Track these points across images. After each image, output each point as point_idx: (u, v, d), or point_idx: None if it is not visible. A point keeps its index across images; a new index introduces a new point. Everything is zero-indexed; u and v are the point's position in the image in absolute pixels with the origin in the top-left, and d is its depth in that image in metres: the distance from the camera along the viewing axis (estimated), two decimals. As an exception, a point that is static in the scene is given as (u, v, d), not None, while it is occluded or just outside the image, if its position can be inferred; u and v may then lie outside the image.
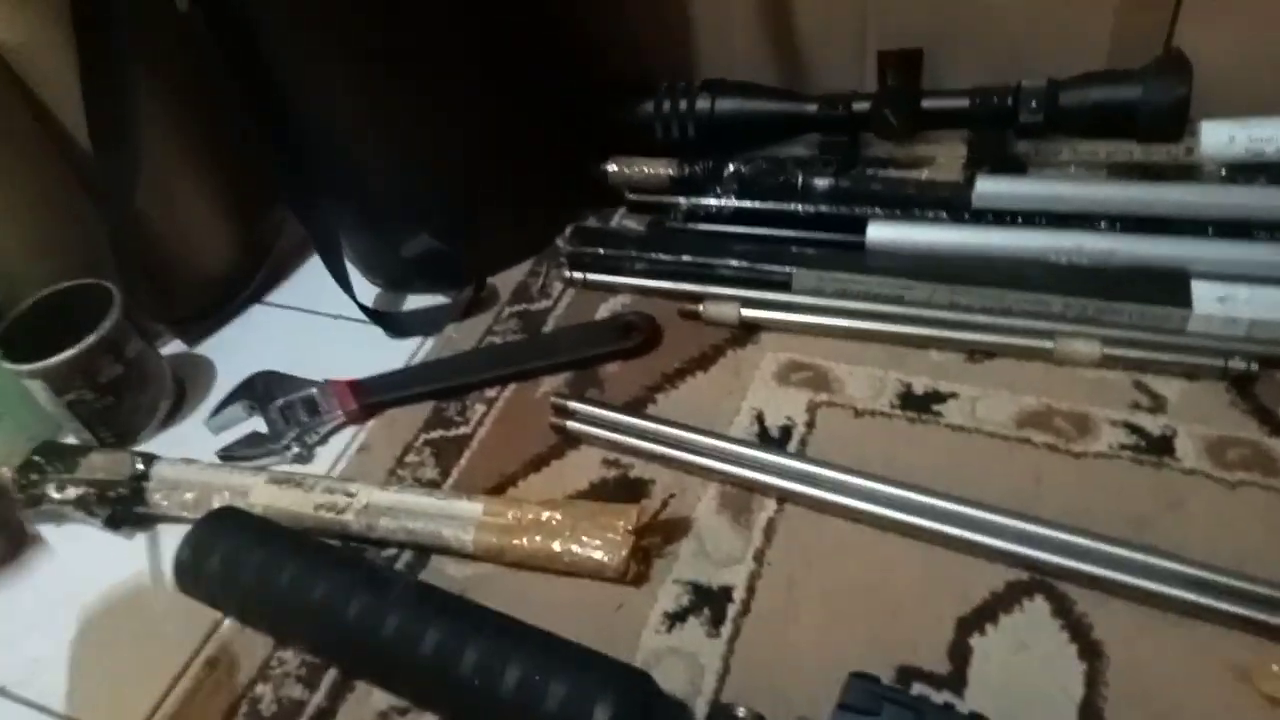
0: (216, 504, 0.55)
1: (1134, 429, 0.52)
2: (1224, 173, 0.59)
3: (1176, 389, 0.54)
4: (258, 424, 0.63)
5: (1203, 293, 0.54)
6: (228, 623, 0.51)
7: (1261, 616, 0.42)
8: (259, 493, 0.56)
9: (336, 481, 0.56)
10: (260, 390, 0.64)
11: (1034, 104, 0.59)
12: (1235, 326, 0.54)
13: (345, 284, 0.68)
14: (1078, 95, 0.59)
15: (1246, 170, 0.58)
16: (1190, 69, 0.56)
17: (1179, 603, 0.43)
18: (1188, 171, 0.60)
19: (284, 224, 0.80)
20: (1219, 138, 0.58)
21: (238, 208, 0.75)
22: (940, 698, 0.42)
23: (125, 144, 0.62)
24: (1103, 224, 0.59)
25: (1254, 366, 0.52)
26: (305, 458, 0.61)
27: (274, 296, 0.77)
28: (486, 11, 0.63)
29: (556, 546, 0.50)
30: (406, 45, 0.61)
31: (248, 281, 0.76)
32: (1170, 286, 0.55)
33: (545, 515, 0.51)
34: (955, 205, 0.62)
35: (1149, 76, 0.57)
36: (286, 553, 0.49)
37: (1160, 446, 0.51)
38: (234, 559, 0.49)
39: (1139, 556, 0.45)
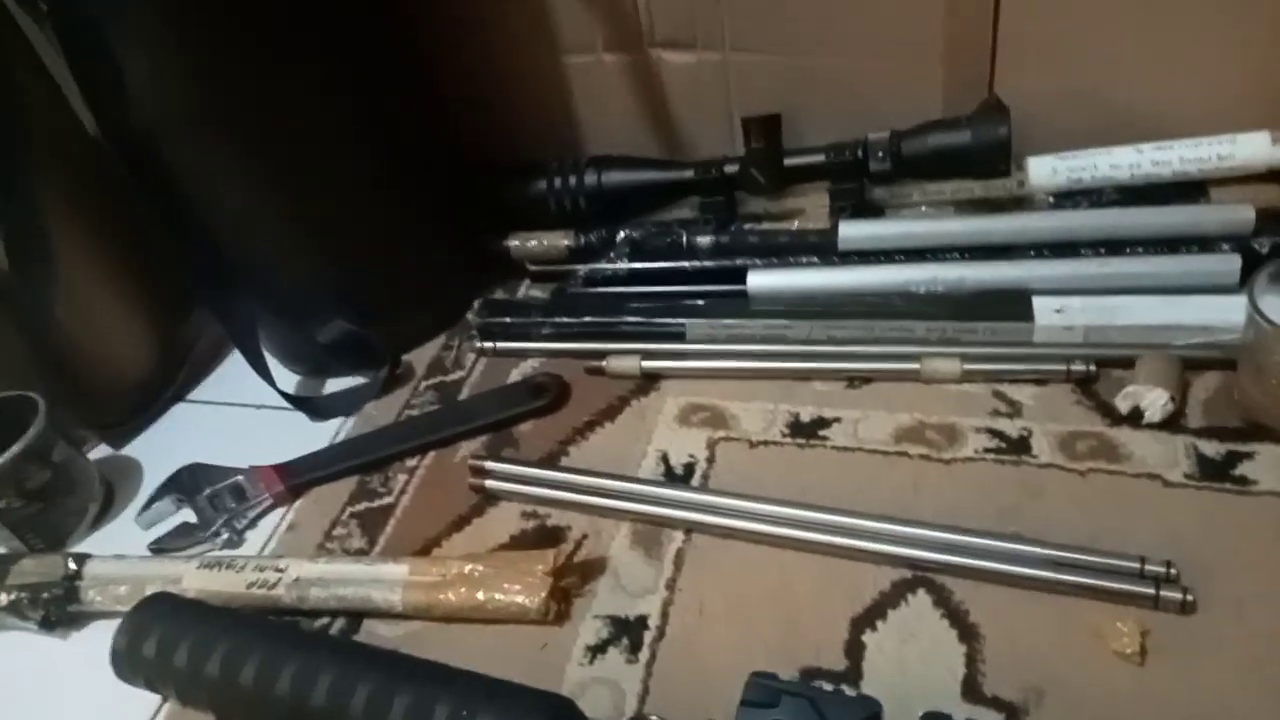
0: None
1: (995, 433, 0.58)
2: (1052, 200, 0.66)
3: (1029, 394, 0.60)
4: (187, 515, 0.65)
5: (1042, 306, 0.61)
6: (168, 705, 0.53)
7: (1109, 585, 0.47)
8: (191, 578, 0.58)
9: (266, 559, 0.58)
10: (187, 482, 0.66)
11: (881, 154, 0.66)
12: (1073, 334, 0.60)
13: (265, 374, 0.71)
14: (917, 143, 0.66)
15: (1070, 196, 0.66)
16: (1008, 111, 0.63)
17: (1041, 581, 0.48)
18: (1021, 202, 0.67)
19: (203, 325, 0.83)
20: (1044, 170, 0.66)
21: (156, 313, 0.78)
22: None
23: (41, 259, 0.65)
24: (954, 255, 0.65)
25: (1092, 368, 0.59)
26: (236, 542, 0.63)
27: (197, 393, 0.79)
28: (381, 106, 0.68)
29: (480, 596, 0.53)
30: (306, 143, 0.66)
31: (170, 382, 0.79)
32: (1015, 304, 0.62)
33: (468, 568, 0.54)
34: (824, 249, 0.68)
35: (975, 121, 0.64)
36: (219, 630, 0.50)
37: (1019, 446, 0.57)
38: (169, 641, 0.50)
39: (1005, 545, 0.50)
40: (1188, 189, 0.65)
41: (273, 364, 0.75)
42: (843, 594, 0.51)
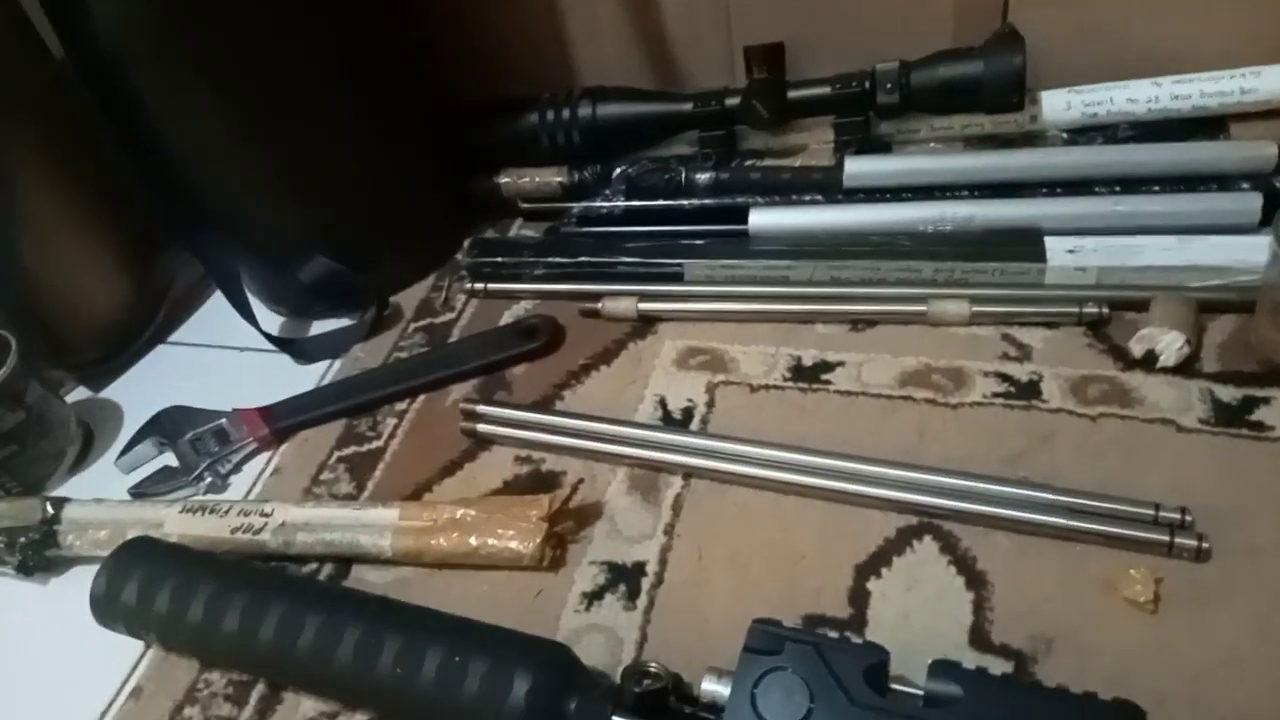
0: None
1: (1004, 377, 0.56)
2: (1065, 136, 0.64)
3: (1040, 337, 0.58)
4: (169, 459, 0.63)
5: (1054, 246, 0.59)
6: (151, 651, 0.52)
7: (1121, 531, 0.45)
8: (173, 523, 0.56)
9: (251, 503, 0.56)
10: (168, 426, 0.64)
11: (889, 85, 0.63)
12: (1085, 275, 0.58)
13: (248, 315, 0.69)
14: (927, 74, 0.63)
15: (1084, 132, 0.64)
16: (1023, 41, 0.61)
17: (1051, 528, 0.47)
18: (1034, 138, 0.64)
19: (182, 264, 0.80)
20: (1057, 104, 0.64)
21: (131, 253, 0.75)
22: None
23: (6, 195, 0.62)
24: (963, 192, 0.63)
25: (1105, 310, 0.57)
26: (219, 487, 0.61)
27: (178, 335, 0.77)
28: (358, 42, 0.65)
29: (473, 541, 0.51)
30: (282, 81, 0.63)
31: (148, 323, 0.76)
32: (1026, 244, 0.59)
33: (460, 513, 0.53)
34: (828, 187, 0.66)
35: (987, 51, 0.61)
36: (201, 574, 0.49)
37: (1028, 391, 0.55)
38: (149, 587, 0.49)
39: (1014, 491, 0.48)
40: (1207, 125, 0.62)
41: (256, 305, 0.72)
42: (846, 540, 0.49)
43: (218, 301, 0.73)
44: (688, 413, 0.59)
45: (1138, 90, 0.63)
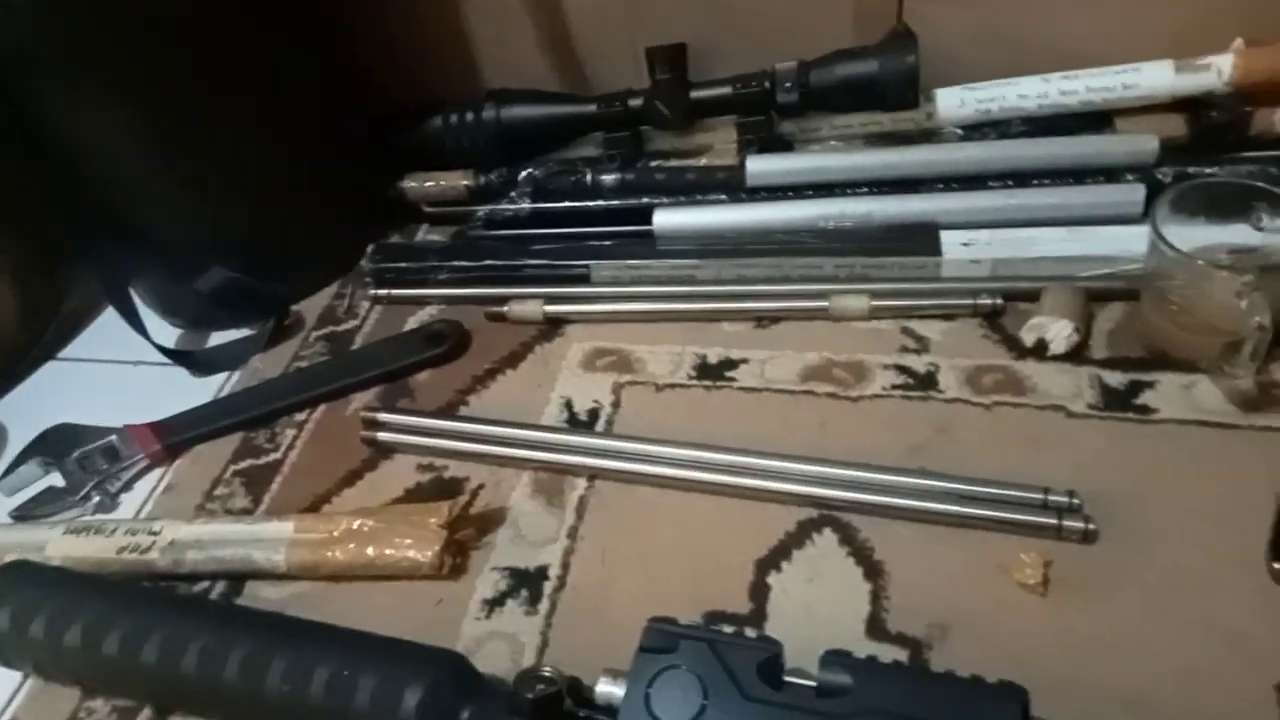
0: (9, 564, 0.53)
1: (903, 370, 0.57)
2: (960, 132, 0.65)
3: (937, 329, 0.59)
4: (55, 479, 0.60)
5: (949, 240, 0.60)
6: (30, 682, 0.49)
7: (1012, 516, 0.46)
8: (56, 545, 0.53)
9: (139, 522, 0.54)
10: (55, 444, 0.61)
11: (788, 85, 0.64)
12: (980, 268, 0.59)
13: (138, 325, 0.66)
14: (825, 73, 0.64)
15: (979, 128, 0.65)
16: (915, 40, 0.62)
17: (945, 515, 0.47)
18: (930, 135, 0.66)
19: (75, 279, 0.76)
20: (952, 102, 0.65)
21: (18, 267, 0.72)
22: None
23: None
24: (862, 189, 0.64)
25: (999, 301, 0.58)
26: (108, 506, 0.59)
27: (69, 351, 0.74)
28: (260, 40, 0.64)
29: (370, 552, 0.50)
30: (179, 78, 0.61)
31: (36, 340, 0.73)
32: (923, 238, 0.60)
33: (357, 524, 0.51)
34: (732, 186, 0.66)
35: (882, 51, 0.62)
36: (81, 597, 0.47)
37: (926, 382, 0.55)
38: (24, 612, 0.46)
39: (910, 481, 0.49)
40: (1094, 120, 0.64)
41: (151, 318, 0.70)
42: (747, 536, 0.49)
43: (111, 316, 0.70)
44: (593, 414, 0.58)
45: (1028, 87, 0.64)
